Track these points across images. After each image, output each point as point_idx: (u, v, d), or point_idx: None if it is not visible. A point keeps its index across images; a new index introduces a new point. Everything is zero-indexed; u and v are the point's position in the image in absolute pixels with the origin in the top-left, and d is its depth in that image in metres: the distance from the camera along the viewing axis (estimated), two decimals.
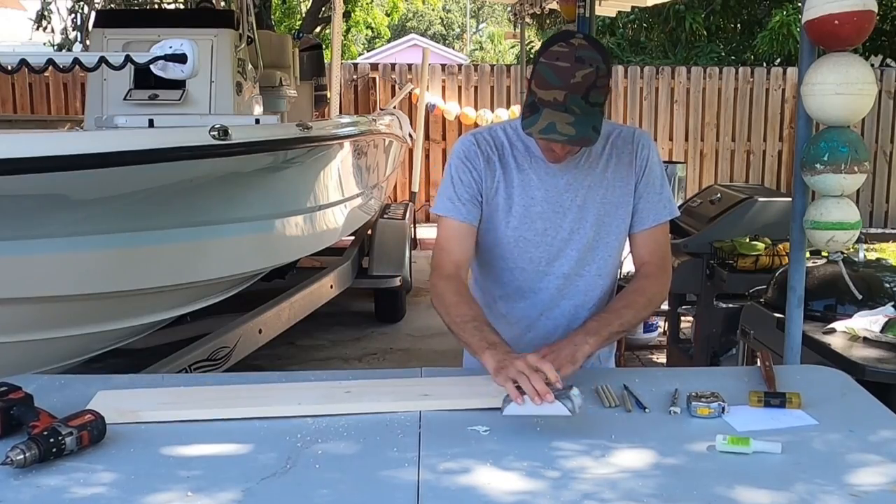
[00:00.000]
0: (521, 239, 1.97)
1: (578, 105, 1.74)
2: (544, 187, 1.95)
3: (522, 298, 2.02)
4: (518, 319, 2.04)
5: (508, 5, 8.90)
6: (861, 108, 2.40)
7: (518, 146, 1.97)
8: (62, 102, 9.70)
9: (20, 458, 1.43)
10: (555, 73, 1.75)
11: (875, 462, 1.51)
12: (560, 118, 1.74)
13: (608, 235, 1.99)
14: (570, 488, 1.41)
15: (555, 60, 1.76)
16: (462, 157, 1.97)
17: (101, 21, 4.92)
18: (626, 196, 1.99)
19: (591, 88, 1.75)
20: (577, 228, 1.96)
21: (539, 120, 1.75)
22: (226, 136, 3.13)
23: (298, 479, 1.45)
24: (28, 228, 2.87)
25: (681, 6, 12.09)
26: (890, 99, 10.21)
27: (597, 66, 1.76)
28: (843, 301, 2.96)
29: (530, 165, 1.95)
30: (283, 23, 13.63)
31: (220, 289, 4.12)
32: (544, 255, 1.97)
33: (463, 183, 1.95)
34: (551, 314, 2.03)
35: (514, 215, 1.96)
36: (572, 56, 1.75)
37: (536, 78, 1.78)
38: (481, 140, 1.98)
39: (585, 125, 1.75)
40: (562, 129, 1.74)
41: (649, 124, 10.36)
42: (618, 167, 1.98)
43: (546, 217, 1.95)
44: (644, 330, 5.32)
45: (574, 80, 1.74)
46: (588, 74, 1.74)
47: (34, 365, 2.97)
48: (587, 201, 1.96)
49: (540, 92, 1.77)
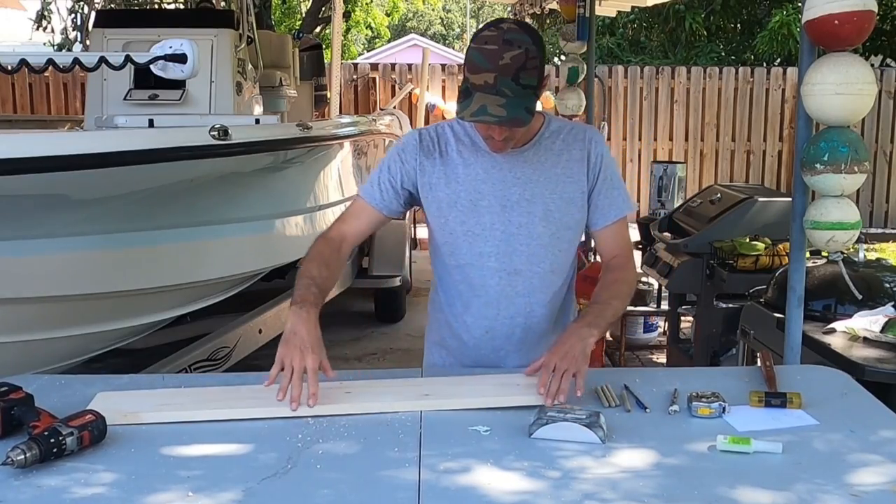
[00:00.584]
0: (470, 233, 1.97)
1: (509, 87, 1.75)
2: (491, 181, 1.95)
3: (476, 296, 2.02)
4: (476, 320, 2.03)
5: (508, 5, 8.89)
6: (861, 108, 2.40)
7: (465, 141, 1.98)
8: (62, 102, 9.70)
9: (21, 458, 1.43)
10: (484, 57, 1.76)
11: (875, 462, 1.51)
12: (491, 101, 1.75)
13: (559, 231, 1.99)
14: (571, 488, 1.41)
15: (483, 44, 1.78)
16: (400, 149, 2.01)
17: (101, 21, 4.91)
18: (577, 192, 1.98)
19: (520, 70, 1.76)
20: (525, 223, 1.96)
21: (471, 104, 1.77)
22: (226, 136, 3.13)
23: (299, 479, 1.45)
24: (28, 228, 2.87)
25: (681, 6, 12.09)
26: (890, 99, 10.21)
27: (526, 48, 1.77)
28: (843, 301, 2.96)
29: (476, 160, 1.96)
30: (283, 23, 13.63)
31: (220, 289, 4.12)
32: (493, 251, 1.97)
33: (390, 172, 1.99)
34: (507, 313, 2.01)
35: (460, 209, 1.96)
36: (500, 39, 1.77)
37: (467, 63, 1.80)
38: (425, 135, 2.01)
39: (517, 107, 1.77)
40: (493, 111, 1.75)
41: (649, 124, 10.37)
42: (568, 163, 1.98)
43: (494, 211, 1.95)
44: (644, 330, 5.32)
45: (503, 62, 1.75)
46: (517, 56, 1.76)
47: (34, 365, 2.97)
48: (535, 196, 1.96)
49: (471, 77, 1.78)
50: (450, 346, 2.09)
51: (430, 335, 2.16)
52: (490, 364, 2.03)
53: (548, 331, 2.04)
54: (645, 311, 5.16)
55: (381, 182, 2.00)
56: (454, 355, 2.08)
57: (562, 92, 6.43)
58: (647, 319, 5.28)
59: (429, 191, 1.98)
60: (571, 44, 5.85)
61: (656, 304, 5.16)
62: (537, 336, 2.03)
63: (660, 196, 5.65)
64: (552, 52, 13.26)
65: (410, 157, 1.99)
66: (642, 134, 10.39)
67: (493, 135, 1.86)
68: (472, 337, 2.04)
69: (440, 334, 2.11)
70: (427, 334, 2.18)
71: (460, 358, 2.07)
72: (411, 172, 1.98)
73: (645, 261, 4.71)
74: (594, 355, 4.82)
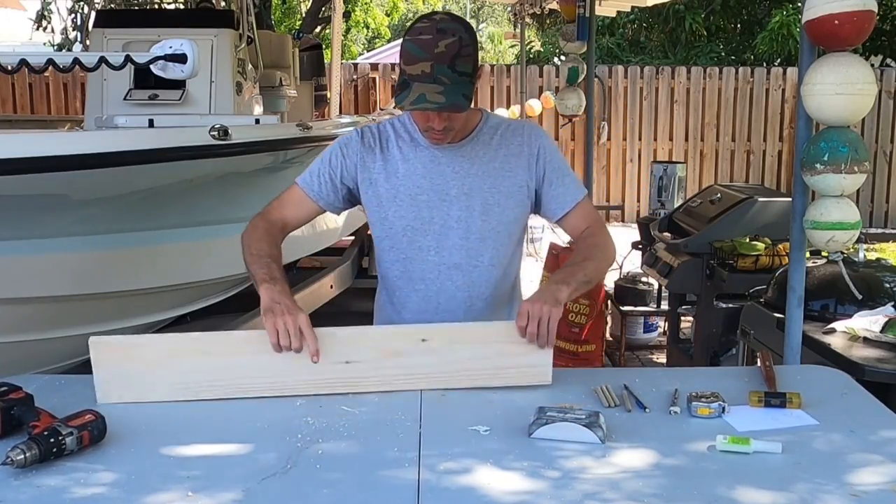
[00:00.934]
0: (409, 228, 1.99)
1: (445, 74, 1.79)
2: (429, 176, 1.98)
3: (415, 291, 2.03)
4: (415, 315, 2.04)
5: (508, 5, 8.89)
6: (861, 108, 2.40)
7: (404, 137, 2.01)
8: (62, 102, 9.71)
9: (20, 458, 1.43)
10: (419, 47, 1.81)
11: (875, 462, 1.51)
12: (429, 89, 1.79)
13: (499, 225, 2.01)
14: (571, 488, 1.40)
15: (418, 35, 1.82)
16: (341, 144, 2.04)
17: (101, 21, 4.91)
18: (516, 186, 2.01)
19: (455, 57, 1.80)
20: (464, 217, 1.98)
21: (409, 94, 1.80)
22: (226, 136, 3.13)
23: (298, 479, 1.45)
24: (28, 228, 2.86)
25: (681, 6, 12.09)
26: (890, 99, 10.21)
27: (459, 36, 1.82)
28: (843, 301, 2.96)
29: (415, 155, 1.99)
30: (283, 23, 13.63)
31: (220, 289, 4.12)
32: (432, 244, 1.99)
33: (330, 165, 2.02)
34: (448, 306, 2.03)
35: (399, 204, 1.99)
36: (434, 29, 1.81)
37: (403, 56, 1.84)
38: (366, 133, 2.03)
39: (455, 93, 1.80)
40: (432, 99, 1.79)
41: (649, 124, 10.37)
42: (507, 157, 2.01)
43: (432, 205, 1.98)
44: (644, 330, 5.32)
45: (438, 50, 1.79)
46: (451, 44, 1.80)
47: (34, 365, 2.97)
48: (473, 189, 1.98)
49: (408, 68, 1.82)
50: None
51: None
52: None
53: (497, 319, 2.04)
54: (645, 311, 5.17)
55: (320, 174, 2.03)
56: None
57: (562, 92, 6.44)
58: (647, 319, 5.28)
59: (369, 186, 2.01)
60: (571, 44, 5.85)
61: (656, 304, 5.16)
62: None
63: (660, 196, 5.65)
64: (552, 52, 13.26)
65: (352, 153, 2.02)
66: (642, 134, 10.39)
67: (432, 125, 1.89)
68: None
69: None
70: None
71: None
72: (351, 168, 2.01)
73: (645, 261, 4.72)
74: (594, 355, 4.84)
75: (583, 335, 4.58)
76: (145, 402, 1.78)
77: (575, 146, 10.30)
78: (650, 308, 5.17)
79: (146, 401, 1.78)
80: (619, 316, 5.06)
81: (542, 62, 12.30)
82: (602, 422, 1.60)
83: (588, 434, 1.57)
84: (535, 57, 13.45)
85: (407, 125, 2.02)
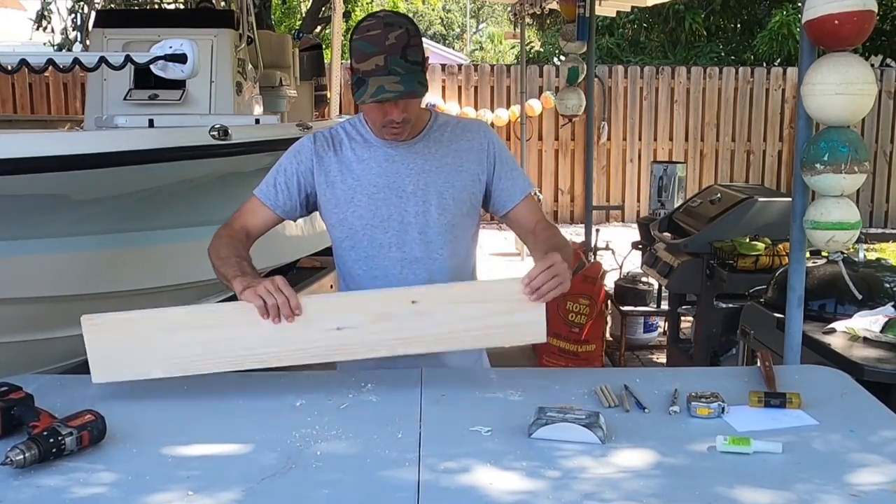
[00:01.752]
0: (368, 226, 2.02)
1: (399, 65, 1.84)
2: (385, 174, 2.02)
3: (377, 287, 2.04)
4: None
5: (508, 5, 8.90)
6: (861, 108, 2.40)
7: (357, 139, 2.05)
8: (62, 102, 9.71)
9: (20, 458, 1.43)
10: (370, 42, 1.85)
11: (875, 462, 1.51)
12: (386, 80, 1.83)
13: (455, 218, 2.05)
14: (571, 488, 1.40)
15: (366, 33, 1.87)
16: (294, 151, 2.07)
17: (101, 21, 4.91)
18: (469, 181, 2.06)
19: (406, 48, 1.86)
20: (421, 212, 2.02)
21: (367, 88, 1.84)
22: (226, 136, 3.13)
23: (298, 479, 1.45)
24: (28, 228, 2.87)
25: (681, 6, 12.09)
26: (890, 99, 10.21)
27: (406, 27, 1.88)
28: (843, 301, 2.96)
29: (370, 156, 2.03)
30: (283, 23, 13.62)
31: (220, 289, 4.11)
32: (393, 240, 2.03)
33: (286, 174, 2.05)
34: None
35: (357, 204, 2.02)
36: (381, 24, 1.87)
37: (354, 55, 1.88)
38: (319, 138, 2.07)
39: (411, 81, 1.85)
40: (391, 88, 1.84)
41: (649, 124, 10.37)
42: (458, 153, 2.06)
43: (390, 203, 2.02)
44: (644, 330, 5.32)
45: (389, 42, 1.84)
46: (400, 35, 1.86)
47: (34, 365, 2.97)
48: (429, 185, 2.03)
49: (361, 65, 1.86)
50: None
51: None
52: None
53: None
54: (645, 311, 5.17)
55: (276, 183, 2.05)
56: None
57: (562, 92, 6.44)
58: (647, 319, 5.28)
59: (326, 188, 2.04)
60: (571, 44, 5.85)
61: (656, 304, 5.16)
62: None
63: (660, 196, 5.65)
64: (552, 52, 13.27)
65: (305, 158, 2.04)
66: (642, 134, 10.39)
67: (392, 118, 1.92)
68: None
69: None
70: None
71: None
72: (307, 173, 2.04)
73: (645, 261, 4.72)
74: (594, 355, 4.84)
75: (583, 335, 4.58)
76: (139, 379, 1.80)
77: (575, 146, 10.30)
78: (650, 308, 5.17)
79: (140, 378, 1.80)
80: (619, 316, 5.06)
81: (542, 62, 12.31)
82: (602, 422, 1.61)
83: (588, 434, 1.57)
84: (535, 57, 13.46)
85: (358, 127, 2.06)
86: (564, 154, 10.39)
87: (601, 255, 5.59)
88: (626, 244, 5.55)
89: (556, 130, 10.24)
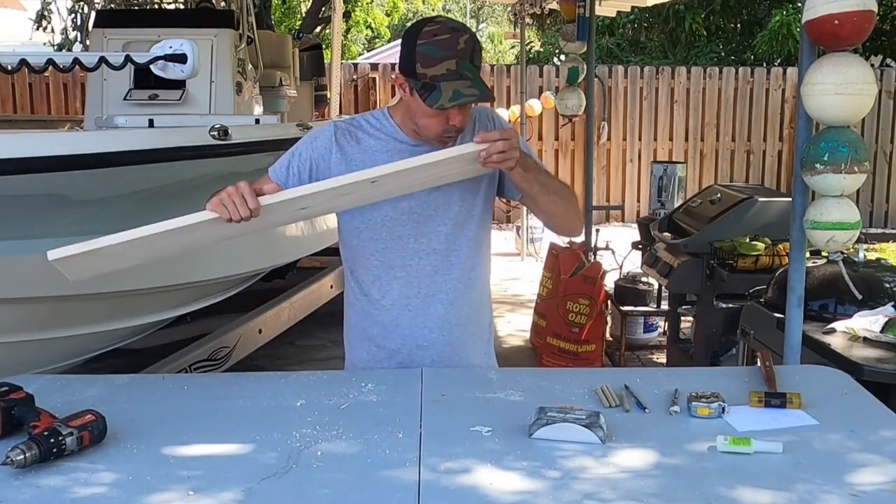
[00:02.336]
0: (388, 218, 2.02)
1: (468, 69, 1.84)
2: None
3: (395, 279, 2.05)
4: (394, 301, 2.06)
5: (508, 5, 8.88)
6: (861, 108, 2.40)
7: (378, 134, 2.04)
8: (62, 102, 9.71)
9: (20, 458, 1.43)
10: (440, 48, 1.83)
11: (875, 462, 1.51)
12: (460, 84, 1.82)
13: (475, 207, 2.05)
14: (571, 488, 1.41)
15: (434, 37, 1.84)
16: (311, 137, 2.06)
17: (101, 21, 4.91)
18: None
19: (473, 52, 1.86)
20: (442, 203, 2.02)
21: (442, 94, 1.82)
22: (226, 136, 3.13)
23: (298, 479, 1.45)
24: (28, 228, 2.86)
25: (681, 6, 12.09)
26: (890, 99, 10.21)
27: (470, 32, 1.88)
28: (843, 301, 2.96)
29: (395, 148, 2.02)
30: (283, 23, 13.62)
31: (220, 289, 4.12)
32: (411, 232, 2.02)
33: (300, 158, 2.03)
34: (428, 290, 2.05)
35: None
36: (447, 28, 1.85)
37: (421, 59, 1.84)
38: (340, 127, 2.06)
39: (481, 85, 1.85)
40: (467, 93, 1.82)
41: (649, 124, 10.37)
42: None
43: (412, 195, 2.01)
44: (644, 330, 5.32)
45: (460, 47, 1.84)
46: (468, 40, 1.85)
47: (34, 365, 2.97)
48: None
49: (430, 70, 1.83)
50: (372, 334, 2.10)
51: (350, 330, 2.17)
52: (417, 345, 2.06)
53: (469, 303, 2.09)
54: (645, 311, 5.17)
55: (290, 165, 2.04)
56: (377, 343, 2.09)
57: (562, 92, 6.43)
58: (647, 319, 5.28)
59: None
60: (571, 44, 5.85)
61: (656, 304, 5.16)
62: (458, 310, 2.07)
63: (660, 196, 5.65)
64: (552, 52, 13.26)
65: (321, 146, 2.03)
66: (642, 134, 10.39)
67: (454, 123, 1.91)
68: (393, 318, 2.06)
69: (360, 325, 2.12)
70: (346, 332, 2.18)
71: (384, 343, 2.08)
72: (320, 161, 2.02)
73: (645, 261, 4.72)
74: (594, 355, 4.83)
75: (583, 335, 4.59)
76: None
77: (575, 146, 10.30)
78: (650, 308, 5.16)
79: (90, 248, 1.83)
80: (619, 316, 5.06)
81: (542, 62, 12.30)
82: (602, 422, 1.61)
83: (588, 434, 1.57)
84: (535, 57, 13.45)
85: (382, 121, 2.04)
86: (564, 154, 10.39)
87: (601, 255, 5.59)
88: (626, 244, 5.55)
89: (556, 130, 10.24)
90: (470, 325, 2.11)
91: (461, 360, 2.08)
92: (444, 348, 2.05)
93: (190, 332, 4.31)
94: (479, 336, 2.16)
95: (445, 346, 2.05)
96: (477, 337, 2.14)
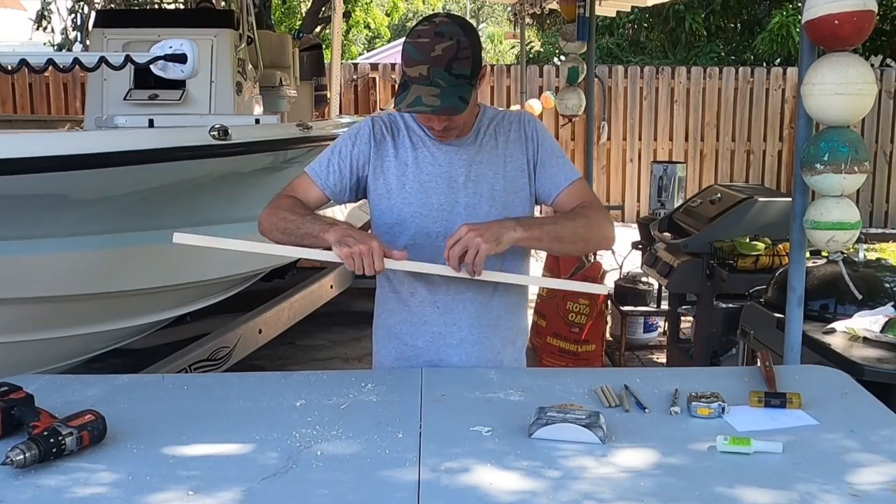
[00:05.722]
0: (418, 214, 2.03)
1: (442, 77, 1.83)
2: (438, 164, 2.03)
3: (423, 276, 2.04)
4: (422, 300, 2.07)
5: (508, 5, 8.89)
6: (861, 108, 2.40)
7: (415, 128, 2.06)
8: (62, 102, 9.71)
9: (20, 458, 1.42)
10: (417, 50, 1.85)
11: (875, 462, 1.51)
12: (425, 91, 1.83)
13: (504, 209, 2.04)
14: (570, 488, 1.40)
15: (417, 38, 1.87)
16: (351, 134, 2.08)
17: (101, 21, 4.92)
18: (518, 171, 2.06)
19: (452, 61, 1.84)
20: (472, 203, 2.02)
21: (407, 96, 1.85)
22: (226, 136, 3.13)
23: (298, 479, 1.45)
24: (28, 228, 2.87)
25: (681, 6, 12.09)
26: (890, 99, 10.21)
27: (457, 39, 1.85)
28: (843, 301, 2.96)
29: (425, 146, 2.04)
30: (283, 23, 13.62)
31: (220, 289, 4.12)
32: (441, 230, 2.01)
33: (340, 155, 2.05)
34: (457, 288, 2.04)
35: (409, 191, 2.03)
36: (432, 32, 1.85)
37: (403, 57, 1.88)
38: (377, 123, 2.07)
39: (451, 96, 1.84)
40: (427, 101, 1.83)
41: (649, 124, 10.37)
42: (507, 144, 2.06)
43: (441, 192, 2.02)
44: (644, 330, 5.32)
45: (434, 54, 1.83)
46: (448, 47, 1.84)
47: (34, 365, 2.97)
48: (480, 177, 2.03)
49: (407, 70, 1.86)
50: (399, 332, 2.10)
51: (379, 329, 2.17)
52: (446, 343, 2.06)
53: (500, 304, 2.08)
54: (645, 311, 5.17)
55: (329, 163, 2.06)
56: (405, 341, 2.09)
57: (562, 92, 6.44)
58: (647, 319, 5.28)
59: (380, 174, 2.04)
60: (571, 44, 5.86)
61: (656, 304, 5.16)
62: (488, 310, 2.07)
63: (660, 196, 5.65)
64: (552, 52, 13.27)
65: (361, 142, 2.05)
66: (642, 134, 10.39)
67: (432, 125, 1.94)
68: (422, 315, 2.06)
69: (388, 323, 2.13)
70: (375, 330, 2.19)
71: (412, 341, 2.08)
72: (360, 157, 2.04)
73: (645, 261, 4.72)
74: (594, 355, 4.83)
75: (583, 335, 4.58)
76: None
77: (575, 146, 10.29)
78: (650, 308, 5.17)
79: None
80: (619, 316, 5.06)
81: (542, 62, 12.30)
82: (602, 422, 1.61)
83: (588, 434, 1.57)
84: (535, 57, 13.46)
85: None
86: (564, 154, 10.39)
87: (601, 255, 5.59)
88: (626, 244, 5.55)
89: (557, 130, 10.23)
90: (501, 328, 2.10)
91: (490, 362, 2.07)
92: (473, 348, 2.05)
93: (190, 332, 4.31)
94: (511, 340, 2.14)
95: (474, 345, 2.05)
96: (508, 340, 2.13)
